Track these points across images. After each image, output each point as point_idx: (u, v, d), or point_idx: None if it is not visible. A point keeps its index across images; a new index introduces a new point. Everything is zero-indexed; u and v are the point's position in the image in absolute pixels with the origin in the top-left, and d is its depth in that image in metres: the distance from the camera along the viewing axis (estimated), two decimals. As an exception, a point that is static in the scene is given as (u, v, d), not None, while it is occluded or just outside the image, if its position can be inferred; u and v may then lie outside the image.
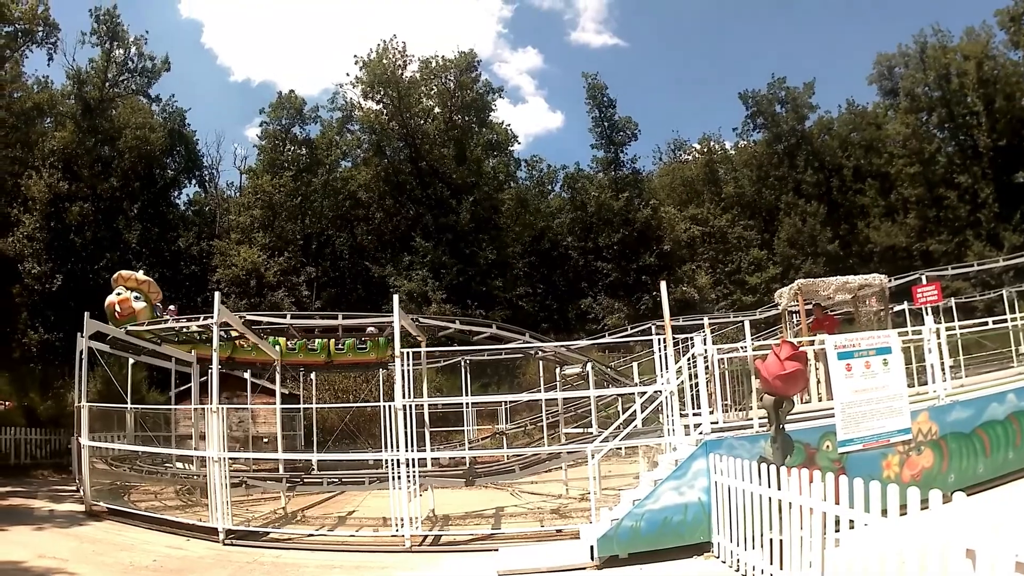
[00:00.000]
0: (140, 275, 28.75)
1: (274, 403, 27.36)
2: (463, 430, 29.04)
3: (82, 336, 20.46)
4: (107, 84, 53.83)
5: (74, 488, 22.10)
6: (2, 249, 43.17)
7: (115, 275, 28.93)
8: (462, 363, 29.32)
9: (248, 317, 20.56)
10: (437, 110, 61.59)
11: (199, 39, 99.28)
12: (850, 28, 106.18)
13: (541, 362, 28.97)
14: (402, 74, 59.01)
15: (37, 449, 31.02)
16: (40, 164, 46.60)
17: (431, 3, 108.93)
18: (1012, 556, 5.78)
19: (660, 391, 14.90)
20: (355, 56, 59.56)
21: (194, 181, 64.07)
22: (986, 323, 27.96)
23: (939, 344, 15.40)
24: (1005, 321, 28.36)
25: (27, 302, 43.53)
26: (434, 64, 60.72)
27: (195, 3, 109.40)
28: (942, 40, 61.95)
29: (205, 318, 19.97)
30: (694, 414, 14.15)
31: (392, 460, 15.83)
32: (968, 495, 6.95)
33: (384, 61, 58.03)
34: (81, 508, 19.17)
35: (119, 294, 27.44)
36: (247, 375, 28.87)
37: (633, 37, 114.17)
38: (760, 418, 13.24)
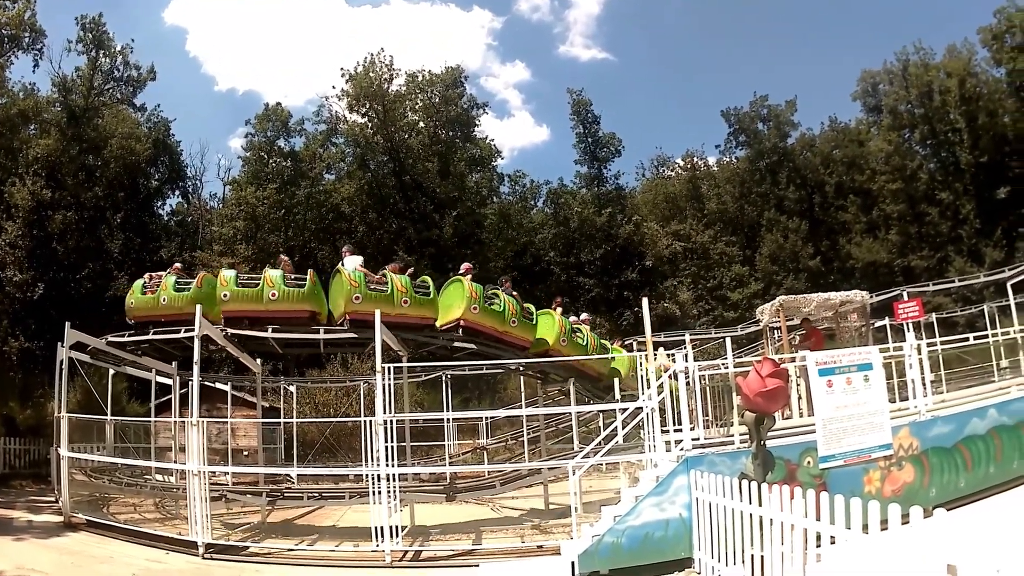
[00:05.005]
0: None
1: (254, 416, 27.25)
2: (444, 445, 28.96)
3: (63, 346, 20.24)
4: (92, 92, 53.74)
5: (53, 499, 21.83)
6: (-17, 256, 42.86)
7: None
8: (443, 378, 29.26)
9: (229, 330, 20.38)
10: (422, 124, 61.90)
11: (183, 47, 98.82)
12: (833, 46, 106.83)
13: (522, 377, 28.93)
14: (388, 88, 59.19)
15: (16, 459, 30.66)
16: (24, 171, 46.11)
17: (421, 14, 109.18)
18: (993, 572, 5.75)
19: (641, 407, 14.86)
20: (342, 69, 59.91)
21: (177, 192, 64.19)
22: (967, 339, 27.98)
23: (920, 360, 15.44)
24: (986, 336, 28.46)
25: (8, 310, 43.05)
26: (420, 78, 61.13)
27: (179, 10, 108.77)
28: (924, 58, 62.54)
29: (186, 331, 19.77)
30: (675, 430, 14.12)
31: (373, 475, 15.71)
32: (949, 510, 6.96)
33: (371, 74, 58.19)
34: (60, 519, 18.94)
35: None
36: (228, 387, 28.77)
37: (621, 52, 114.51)
38: (741, 434, 13.22)
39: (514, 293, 21.64)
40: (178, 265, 22.49)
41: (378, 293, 19.48)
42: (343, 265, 20.14)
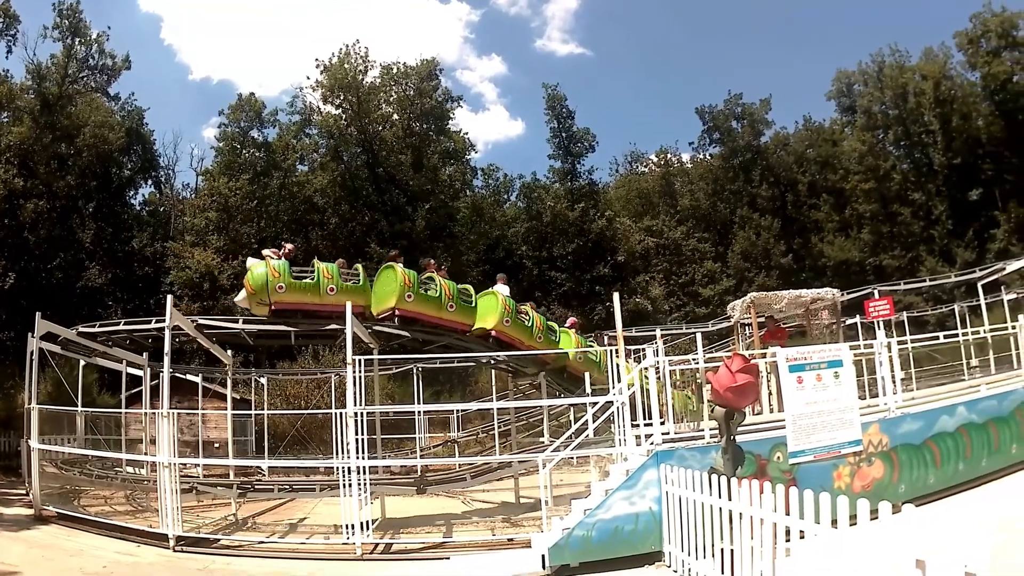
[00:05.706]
0: None
1: (225, 408, 27.09)
2: (415, 438, 28.88)
3: (33, 336, 20.04)
4: (67, 80, 53.13)
5: (23, 492, 21.67)
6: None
7: None
8: (414, 370, 29.18)
9: (200, 321, 20.25)
10: (396, 117, 61.58)
11: (158, 34, 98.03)
12: (809, 46, 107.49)
13: (493, 371, 28.90)
14: (363, 79, 58.93)
15: (-14, 451, 30.45)
16: (-5, 159, 45.72)
17: (398, 5, 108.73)
18: (961, 566, 5.78)
19: (612, 401, 14.85)
20: (316, 60, 59.52)
21: (150, 181, 63.63)
22: (937, 337, 28.21)
23: (890, 357, 15.52)
24: (956, 335, 28.67)
25: (-22, 300, 42.74)
26: (395, 70, 60.79)
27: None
28: (900, 60, 63.45)
29: (158, 321, 19.62)
30: (646, 424, 14.12)
31: (343, 467, 15.65)
32: (918, 506, 6.99)
33: (346, 65, 57.89)
34: (30, 512, 18.76)
35: None
36: (199, 379, 28.59)
37: (598, 47, 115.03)
38: (711, 429, 13.25)
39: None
40: (291, 246, 20.98)
41: (521, 324, 20.76)
42: (496, 289, 20.78)
